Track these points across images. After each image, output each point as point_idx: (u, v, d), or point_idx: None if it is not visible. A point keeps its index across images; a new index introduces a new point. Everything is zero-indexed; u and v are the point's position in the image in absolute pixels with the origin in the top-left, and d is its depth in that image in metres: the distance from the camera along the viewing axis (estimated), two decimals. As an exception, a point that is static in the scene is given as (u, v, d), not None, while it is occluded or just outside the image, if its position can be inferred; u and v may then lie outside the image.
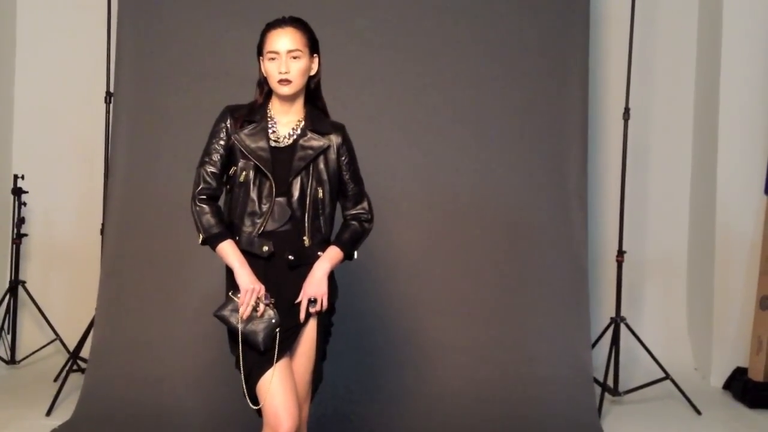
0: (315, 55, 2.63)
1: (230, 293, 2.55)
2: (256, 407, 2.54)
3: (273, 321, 2.51)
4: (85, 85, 5.02)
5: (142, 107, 4.30)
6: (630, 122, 4.50)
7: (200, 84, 4.21)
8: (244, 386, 2.53)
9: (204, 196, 2.61)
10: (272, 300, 2.53)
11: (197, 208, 2.60)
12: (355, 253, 2.71)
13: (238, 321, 2.50)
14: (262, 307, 2.52)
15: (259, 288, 2.52)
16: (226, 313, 2.52)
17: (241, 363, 2.52)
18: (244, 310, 2.50)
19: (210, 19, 4.29)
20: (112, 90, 4.39)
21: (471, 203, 4.26)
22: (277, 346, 2.51)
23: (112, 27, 4.39)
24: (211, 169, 2.62)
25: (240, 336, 2.48)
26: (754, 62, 4.85)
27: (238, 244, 2.58)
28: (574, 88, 4.33)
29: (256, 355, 2.50)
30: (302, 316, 2.56)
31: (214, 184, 2.62)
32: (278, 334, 2.50)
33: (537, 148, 4.32)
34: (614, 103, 4.89)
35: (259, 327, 2.50)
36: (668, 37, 5.19)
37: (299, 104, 2.65)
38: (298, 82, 2.58)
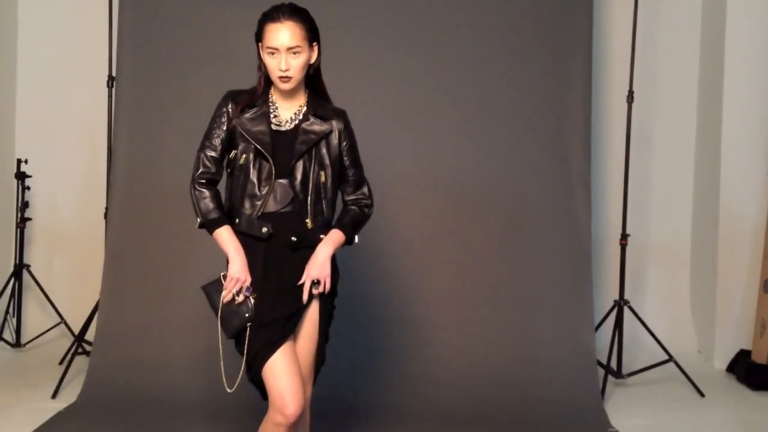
0: (315, 43, 2.62)
1: (222, 274, 2.59)
2: (261, 391, 2.59)
3: (246, 315, 2.54)
4: (87, 70, 5.01)
5: (144, 91, 4.29)
6: (633, 105, 4.49)
7: (202, 68, 4.20)
8: (243, 364, 2.56)
9: (203, 181, 2.62)
10: (254, 295, 2.56)
11: (196, 193, 2.61)
12: (356, 237, 2.72)
13: (219, 302, 2.55)
14: (241, 297, 2.55)
15: (245, 279, 2.55)
16: (212, 291, 2.58)
17: (246, 345, 2.54)
18: (225, 295, 2.55)
19: (211, 3, 4.28)
20: (114, 74, 4.38)
21: (473, 187, 4.26)
22: (282, 330, 2.53)
23: (114, 11, 4.38)
24: (211, 153, 2.62)
25: (219, 316, 2.54)
26: (758, 45, 4.83)
27: (238, 225, 2.59)
28: (578, 71, 4.31)
29: (261, 339, 2.51)
30: (305, 297, 2.58)
31: (213, 168, 2.63)
32: (248, 328, 2.53)
33: (540, 132, 4.31)
34: (618, 86, 4.87)
35: (233, 316, 2.55)
36: (672, 19, 5.16)
37: (300, 90, 2.65)
38: (298, 77, 2.57)
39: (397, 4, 4.31)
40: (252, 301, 2.55)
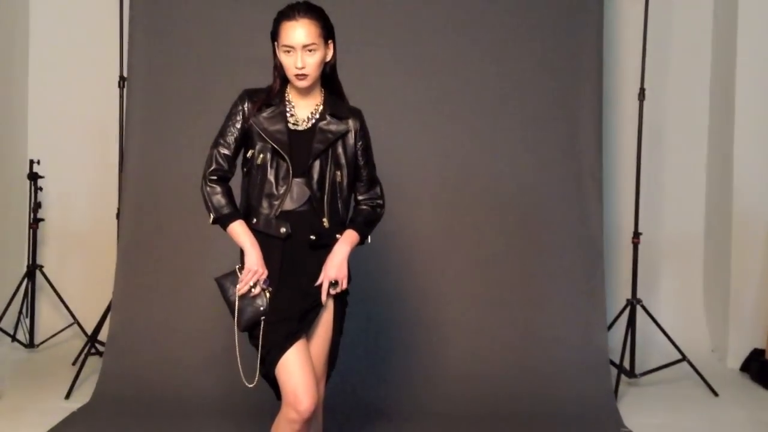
0: (330, 41, 2.62)
1: (237, 267, 2.59)
2: (272, 386, 2.59)
3: (261, 309, 2.55)
4: (99, 70, 5.03)
5: (155, 91, 4.30)
6: (645, 103, 4.47)
7: (213, 67, 4.21)
8: (258, 361, 2.56)
9: (215, 177, 2.62)
10: (270, 288, 2.56)
11: (208, 189, 2.62)
12: (369, 237, 2.72)
13: (233, 294, 2.55)
14: (258, 289, 2.55)
15: (262, 272, 2.56)
16: (226, 283, 2.58)
17: (260, 340, 2.54)
18: (241, 287, 2.54)
19: (223, 2, 4.28)
20: (125, 74, 4.40)
21: (485, 186, 4.25)
22: (297, 327, 2.53)
23: (125, 11, 4.40)
24: (224, 150, 2.62)
25: (236, 309, 2.54)
26: (771, 41, 4.81)
27: (255, 225, 2.60)
28: (589, 69, 4.30)
29: (275, 335, 2.52)
30: (323, 298, 2.58)
31: (225, 165, 2.63)
32: (262, 324, 2.53)
33: (551, 130, 4.30)
34: (629, 84, 4.85)
35: (247, 308, 2.55)
36: (684, 16, 5.14)
37: (317, 88, 2.66)
38: (314, 74, 2.58)
39: (409, 3, 4.30)
40: (268, 294, 2.55)
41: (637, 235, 4.46)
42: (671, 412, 4.07)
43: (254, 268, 2.55)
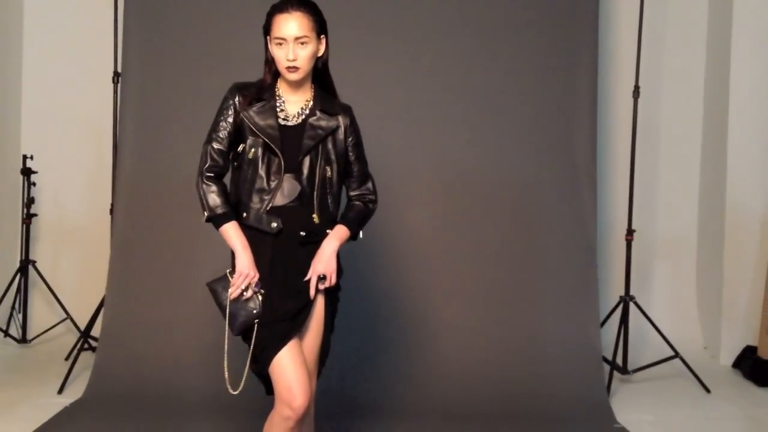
0: (323, 36, 2.62)
1: (228, 271, 2.59)
2: (264, 383, 2.59)
3: (254, 312, 2.54)
4: (93, 65, 5.02)
5: (149, 87, 4.29)
6: (640, 100, 4.47)
7: (207, 63, 4.20)
8: (248, 358, 2.56)
9: (211, 174, 2.61)
10: (262, 291, 2.55)
11: (204, 186, 2.61)
12: (360, 233, 2.72)
13: (226, 299, 2.54)
14: (250, 292, 2.55)
15: (253, 275, 2.55)
16: (218, 287, 2.58)
17: (253, 339, 2.54)
18: (233, 291, 2.54)
19: (217, -2, 4.29)
20: (119, 70, 4.39)
21: (480, 182, 4.25)
22: (290, 325, 2.53)
23: (119, 6, 4.39)
24: (218, 146, 2.62)
25: (227, 313, 2.53)
26: (765, 40, 4.81)
27: (245, 219, 2.59)
28: (584, 66, 4.30)
29: (269, 333, 2.51)
30: (312, 292, 2.58)
31: (220, 161, 2.62)
32: (256, 325, 2.53)
33: (546, 127, 4.30)
34: (624, 81, 4.86)
35: (240, 312, 2.54)
36: (678, 14, 5.15)
37: (307, 84, 2.65)
38: (306, 67, 2.58)
39: (404, 1, 4.29)
40: (260, 297, 2.55)
41: (630, 232, 4.47)
42: (664, 408, 4.08)
43: (245, 271, 2.55)
